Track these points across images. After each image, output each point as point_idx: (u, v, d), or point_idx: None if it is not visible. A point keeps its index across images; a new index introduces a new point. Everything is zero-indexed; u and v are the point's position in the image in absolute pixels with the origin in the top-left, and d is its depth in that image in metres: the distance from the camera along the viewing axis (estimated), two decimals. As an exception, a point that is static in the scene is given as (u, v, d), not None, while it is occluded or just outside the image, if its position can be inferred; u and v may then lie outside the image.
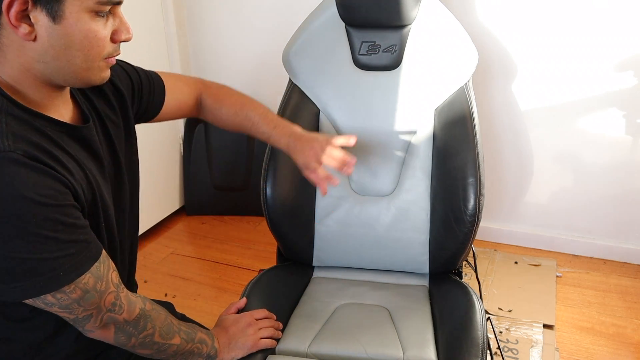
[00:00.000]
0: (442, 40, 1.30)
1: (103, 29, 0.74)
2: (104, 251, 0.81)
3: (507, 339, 1.67)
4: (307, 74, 1.35)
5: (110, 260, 0.83)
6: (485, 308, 1.72)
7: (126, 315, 0.84)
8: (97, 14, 0.73)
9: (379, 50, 1.31)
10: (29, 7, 0.68)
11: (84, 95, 0.89)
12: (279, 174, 1.28)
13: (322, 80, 1.34)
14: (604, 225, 2.10)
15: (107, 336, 0.85)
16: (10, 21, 0.69)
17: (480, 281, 1.59)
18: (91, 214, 0.81)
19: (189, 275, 2.11)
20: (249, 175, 2.48)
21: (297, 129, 1.12)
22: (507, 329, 1.71)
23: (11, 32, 0.70)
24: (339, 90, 1.34)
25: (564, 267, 2.09)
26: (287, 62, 1.36)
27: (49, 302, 0.75)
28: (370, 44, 1.31)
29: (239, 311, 1.14)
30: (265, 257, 2.22)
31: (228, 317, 1.10)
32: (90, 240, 0.78)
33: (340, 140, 1.10)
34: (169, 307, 1.15)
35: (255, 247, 2.30)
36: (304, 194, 1.32)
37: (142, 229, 2.34)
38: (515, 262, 2.10)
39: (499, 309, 1.82)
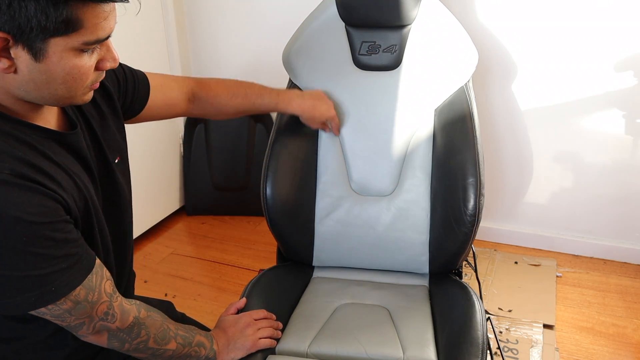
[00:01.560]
0: (442, 40, 1.30)
1: (87, 61, 0.72)
2: (97, 261, 0.80)
3: (507, 339, 1.67)
4: (307, 73, 1.35)
5: (105, 269, 0.82)
6: (485, 308, 1.72)
7: (119, 323, 0.84)
8: (82, 50, 0.71)
9: (379, 50, 1.31)
10: (10, 43, 0.66)
11: None
12: (279, 174, 1.28)
13: (322, 80, 1.34)
14: (604, 225, 2.10)
15: (101, 341, 0.85)
16: None
17: (480, 281, 1.58)
18: (85, 221, 0.81)
19: (189, 275, 2.11)
20: (249, 175, 2.48)
21: (299, 92, 1.27)
22: (507, 329, 1.71)
23: None
24: (339, 90, 1.34)
25: (564, 267, 2.09)
26: (287, 62, 1.36)
27: (41, 312, 0.75)
28: (370, 44, 1.31)
29: (239, 311, 1.14)
30: (265, 257, 2.22)
31: (227, 318, 1.10)
32: (82, 252, 0.77)
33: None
34: (169, 306, 1.15)
35: (255, 247, 2.30)
36: (304, 194, 1.32)
37: (142, 229, 2.34)
38: (515, 262, 2.10)
39: (499, 309, 1.82)
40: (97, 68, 0.75)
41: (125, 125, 1.03)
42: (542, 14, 1.88)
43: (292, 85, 1.36)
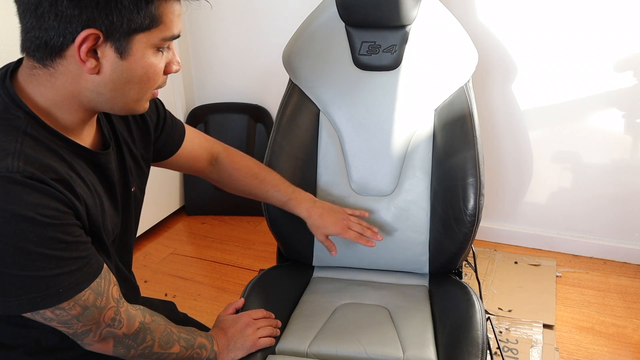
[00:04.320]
0: (442, 40, 1.31)
1: (160, 61, 0.77)
2: (105, 266, 0.80)
3: (507, 339, 1.67)
4: (307, 74, 1.35)
5: (111, 274, 0.82)
6: (485, 308, 1.72)
7: (125, 329, 0.84)
8: (158, 49, 0.75)
9: (379, 50, 1.31)
10: (100, 42, 0.69)
11: (107, 119, 0.89)
12: (279, 174, 1.28)
13: (322, 80, 1.34)
14: (604, 225, 2.11)
15: (106, 349, 0.85)
16: (79, 56, 0.69)
17: (480, 281, 1.58)
18: (92, 236, 0.80)
19: (189, 275, 2.11)
20: (249, 175, 2.48)
21: (313, 197, 1.23)
22: (507, 329, 1.71)
23: (72, 63, 0.71)
24: (339, 90, 1.34)
25: (564, 267, 2.09)
26: (287, 62, 1.36)
27: (48, 317, 0.75)
28: (370, 44, 1.31)
29: (237, 311, 1.14)
30: (265, 257, 2.22)
31: (226, 318, 1.10)
32: (92, 255, 0.77)
33: (356, 213, 1.26)
34: (171, 306, 1.15)
35: (255, 247, 2.30)
36: (304, 194, 1.32)
37: (142, 229, 2.34)
38: (515, 262, 2.11)
39: (499, 309, 1.83)
40: (164, 72, 0.79)
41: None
42: (542, 14, 1.88)
43: (292, 85, 1.36)
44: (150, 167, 1.04)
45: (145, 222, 2.36)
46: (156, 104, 1.02)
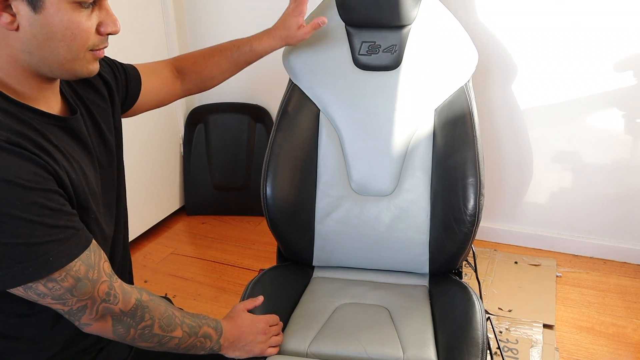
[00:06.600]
0: (442, 40, 1.31)
1: (86, 20, 0.75)
2: (94, 241, 0.80)
3: (507, 339, 1.67)
4: (307, 74, 1.35)
5: (102, 250, 0.81)
6: (485, 308, 1.72)
7: (122, 305, 0.83)
8: (80, 5, 0.73)
9: (379, 50, 1.31)
10: None
11: (70, 87, 0.89)
12: (279, 174, 1.28)
13: (322, 80, 1.34)
14: (604, 225, 2.11)
15: (105, 328, 0.83)
16: None
17: (480, 281, 1.59)
18: (80, 205, 0.80)
19: (189, 275, 2.11)
20: (249, 175, 2.48)
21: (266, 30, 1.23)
22: (507, 329, 1.71)
23: None
24: (339, 90, 1.34)
25: (564, 267, 2.09)
26: (287, 62, 1.36)
27: (41, 292, 0.74)
28: (370, 44, 1.31)
29: (250, 311, 1.12)
30: (265, 257, 2.22)
31: (246, 315, 1.08)
32: (80, 227, 0.77)
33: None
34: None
35: (255, 247, 2.30)
36: (304, 194, 1.32)
37: (142, 229, 2.34)
38: (515, 262, 2.11)
39: (499, 309, 1.83)
40: (98, 32, 0.77)
41: (125, 120, 1.05)
42: (542, 14, 1.88)
43: (292, 85, 1.36)
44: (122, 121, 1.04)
45: (145, 222, 2.36)
46: (107, 63, 1.01)
